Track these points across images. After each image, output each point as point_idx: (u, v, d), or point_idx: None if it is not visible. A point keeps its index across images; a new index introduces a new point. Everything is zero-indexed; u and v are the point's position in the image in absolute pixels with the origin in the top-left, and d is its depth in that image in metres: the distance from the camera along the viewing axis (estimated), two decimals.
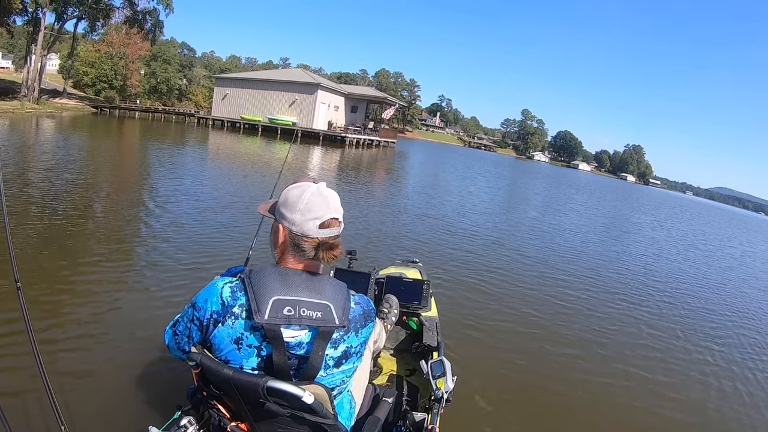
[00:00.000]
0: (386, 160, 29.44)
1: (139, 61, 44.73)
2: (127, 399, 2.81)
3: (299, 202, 1.36)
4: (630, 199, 37.15)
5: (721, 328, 6.27)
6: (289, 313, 1.29)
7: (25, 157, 11.23)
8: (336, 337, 1.34)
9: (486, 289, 5.94)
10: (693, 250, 14.25)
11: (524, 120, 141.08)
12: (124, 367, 3.13)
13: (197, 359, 1.37)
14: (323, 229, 1.36)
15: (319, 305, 1.32)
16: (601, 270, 8.30)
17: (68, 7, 32.51)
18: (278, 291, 1.30)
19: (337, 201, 1.42)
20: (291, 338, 1.32)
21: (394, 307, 2.79)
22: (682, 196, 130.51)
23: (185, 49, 76.31)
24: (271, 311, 1.28)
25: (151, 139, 21.38)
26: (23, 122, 20.99)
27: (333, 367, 1.37)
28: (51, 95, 35.39)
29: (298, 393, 1.28)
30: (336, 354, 1.36)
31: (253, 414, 1.38)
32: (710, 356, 5.15)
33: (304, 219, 1.35)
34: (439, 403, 2.06)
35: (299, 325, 1.31)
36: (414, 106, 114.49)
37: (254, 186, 11.94)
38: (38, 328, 3.21)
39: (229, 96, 40.09)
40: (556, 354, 4.42)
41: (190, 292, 4.19)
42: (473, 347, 4.23)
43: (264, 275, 1.34)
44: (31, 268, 4.46)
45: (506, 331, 4.76)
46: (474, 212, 12.68)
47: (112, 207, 7.48)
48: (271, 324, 1.27)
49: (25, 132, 17.63)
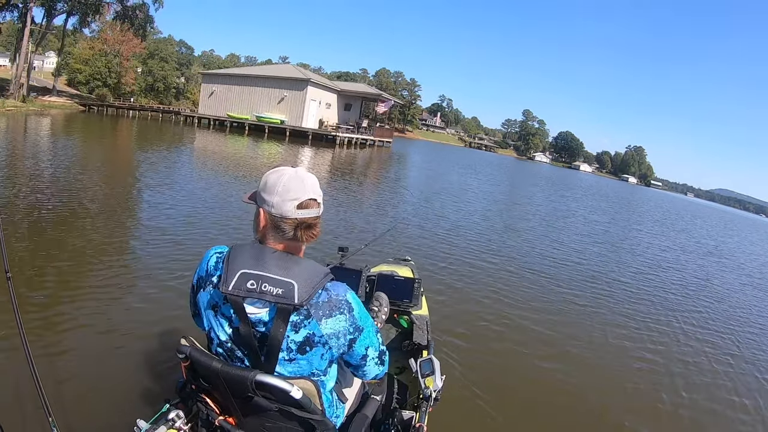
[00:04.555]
0: (378, 163, 28.48)
1: (134, 58, 44.54)
2: (115, 392, 2.86)
3: (277, 184, 1.38)
4: (639, 208, 35.98)
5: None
6: (251, 287, 1.31)
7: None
8: (295, 319, 1.34)
9: (477, 291, 6.03)
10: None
11: (525, 120, 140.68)
12: (113, 361, 3.20)
13: (187, 352, 1.40)
14: (301, 209, 1.38)
15: (283, 282, 1.31)
16: (610, 291, 7.72)
17: (57, 3, 32.29)
18: (248, 265, 1.33)
19: (314, 183, 1.43)
20: (252, 314, 1.34)
21: (384, 305, 2.74)
22: (683, 198, 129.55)
23: (183, 47, 76.06)
24: (235, 283, 1.31)
25: (123, 141, 20.98)
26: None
27: (296, 352, 1.36)
28: (41, 93, 35.23)
29: (286, 387, 1.30)
30: (298, 338, 1.36)
31: (241, 408, 1.41)
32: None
33: (282, 200, 1.37)
34: (427, 401, 2.08)
35: (259, 300, 1.32)
36: (414, 106, 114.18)
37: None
38: (28, 319, 3.21)
39: (216, 93, 38.98)
40: (544, 354, 4.51)
41: (177, 286, 4.53)
42: (463, 346, 4.27)
43: (242, 250, 1.38)
44: (21, 260, 4.56)
45: (497, 332, 4.85)
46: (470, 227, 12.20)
47: (83, 208, 7.23)
48: (233, 295, 1.31)
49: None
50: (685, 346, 5.46)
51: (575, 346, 4.83)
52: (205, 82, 40.72)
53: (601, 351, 4.87)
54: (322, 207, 1.45)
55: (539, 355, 4.47)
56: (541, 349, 4.59)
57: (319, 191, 1.44)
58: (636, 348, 5.11)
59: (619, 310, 6.30)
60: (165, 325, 3.79)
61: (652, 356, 4.96)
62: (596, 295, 6.85)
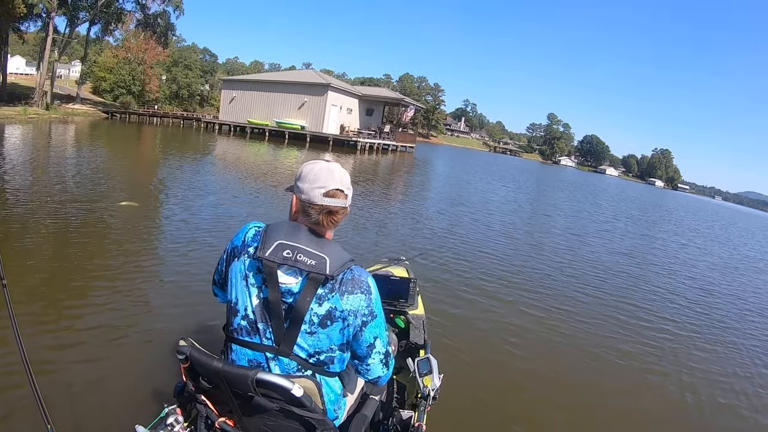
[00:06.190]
0: (397, 170, 27.20)
1: (158, 66, 44.84)
2: (113, 398, 2.83)
3: (309, 174, 1.49)
4: (672, 215, 34.10)
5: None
6: (287, 255, 1.40)
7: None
8: (321, 292, 1.42)
9: (474, 290, 5.98)
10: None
11: (550, 124, 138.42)
12: (111, 366, 3.17)
13: (186, 352, 1.42)
14: (328, 197, 1.47)
15: (316, 255, 1.41)
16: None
17: (79, 12, 32.46)
18: (284, 237, 1.44)
19: (343, 176, 1.52)
20: (283, 284, 1.42)
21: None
22: (711, 201, 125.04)
23: (207, 54, 76.84)
24: (272, 251, 1.41)
25: (140, 148, 20.58)
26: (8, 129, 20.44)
27: (318, 325, 1.43)
28: (65, 101, 35.53)
29: (287, 385, 1.31)
30: (321, 311, 1.42)
31: (242, 408, 1.41)
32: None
33: (311, 187, 1.47)
34: (425, 400, 2.08)
35: (293, 269, 1.41)
36: (438, 111, 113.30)
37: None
38: (24, 326, 3.00)
39: (237, 99, 38.58)
40: (542, 353, 4.50)
41: (175, 292, 4.58)
42: (460, 345, 4.25)
43: (279, 225, 1.49)
44: (16, 266, 4.54)
45: (494, 331, 4.83)
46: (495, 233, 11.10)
47: (93, 212, 7.24)
48: (269, 260, 1.40)
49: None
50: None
51: (579, 346, 4.81)
52: (226, 89, 40.49)
53: (609, 350, 4.82)
54: (349, 199, 1.54)
55: (538, 354, 4.45)
56: (539, 349, 4.57)
57: (347, 184, 1.53)
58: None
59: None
60: (163, 329, 3.77)
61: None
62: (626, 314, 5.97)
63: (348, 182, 1.53)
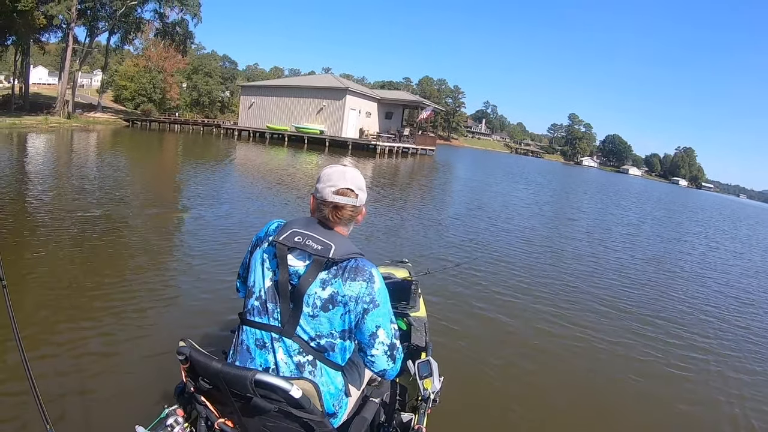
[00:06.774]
0: (415, 174, 26.25)
1: (178, 74, 45.11)
2: (113, 398, 2.84)
3: (324, 176, 1.61)
4: (699, 215, 32.38)
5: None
6: (298, 240, 1.52)
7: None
8: (325, 277, 1.50)
9: (475, 294, 5.81)
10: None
11: (571, 124, 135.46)
12: (111, 367, 3.17)
13: (186, 353, 1.44)
14: (337, 195, 1.57)
15: (323, 242, 1.52)
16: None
17: (99, 22, 32.71)
18: (298, 227, 1.57)
19: (355, 176, 1.62)
20: (292, 266, 1.52)
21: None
22: (736, 200, 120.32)
23: (227, 62, 77.43)
24: (286, 236, 1.53)
25: (156, 154, 20.40)
26: (24, 137, 20.48)
27: (320, 308, 1.50)
28: (86, 110, 35.91)
29: (285, 386, 1.31)
30: (324, 295, 1.50)
31: (241, 409, 1.42)
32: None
33: (323, 186, 1.59)
34: (426, 403, 2.08)
35: (302, 252, 1.52)
36: (459, 113, 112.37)
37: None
38: (24, 327, 3.00)
39: (255, 105, 38.44)
40: (543, 357, 4.36)
41: (175, 295, 4.58)
42: (462, 349, 4.20)
43: (297, 219, 1.62)
44: (16, 267, 4.60)
45: (498, 337, 4.70)
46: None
47: (99, 213, 7.43)
48: (282, 243, 1.52)
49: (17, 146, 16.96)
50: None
51: (581, 350, 4.62)
52: (244, 95, 40.39)
53: (614, 362, 4.51)
54: (360, 199, 1.61)
55: (545, 365, 4.28)
56: (540, 353, 4.45)
57: (359, 184, 1.61)
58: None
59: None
60: (163, 331, 3.77)
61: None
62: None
63: (360, 183, 1.63)
